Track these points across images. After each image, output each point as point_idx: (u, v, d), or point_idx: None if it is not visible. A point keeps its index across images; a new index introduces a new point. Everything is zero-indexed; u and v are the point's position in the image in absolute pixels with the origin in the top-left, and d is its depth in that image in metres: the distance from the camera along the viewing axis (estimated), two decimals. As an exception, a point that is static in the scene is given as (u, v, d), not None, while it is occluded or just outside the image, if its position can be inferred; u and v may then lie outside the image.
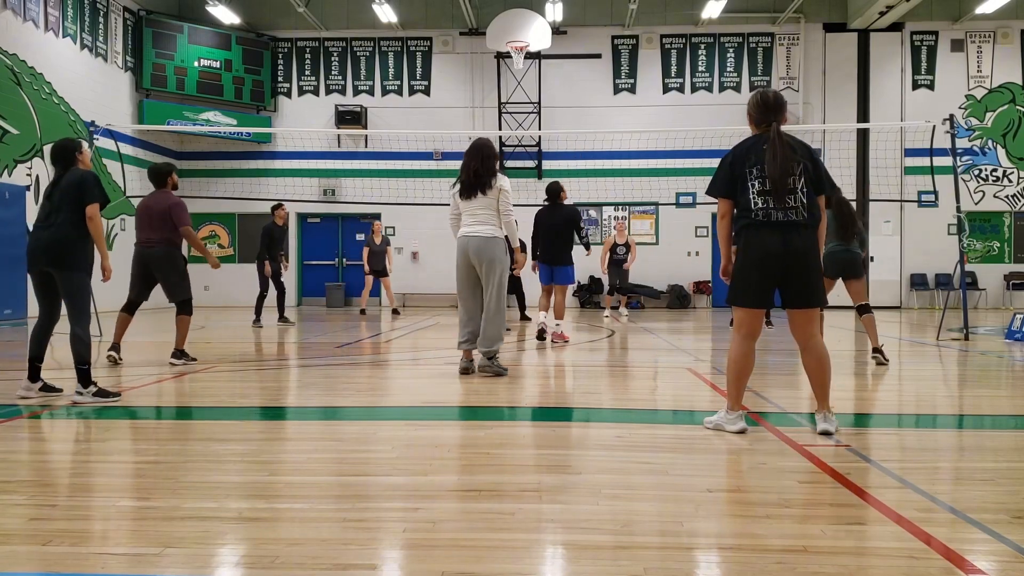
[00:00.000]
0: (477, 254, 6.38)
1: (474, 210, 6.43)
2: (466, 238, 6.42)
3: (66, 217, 5.17)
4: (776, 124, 4.17)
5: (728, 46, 19.47)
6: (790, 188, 4.06)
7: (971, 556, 2.42)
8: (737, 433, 4.14)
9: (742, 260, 4.15)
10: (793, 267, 4.04)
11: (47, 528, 2.72)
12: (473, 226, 6.42)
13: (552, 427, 4.58)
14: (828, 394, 4.19)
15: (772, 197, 4.05)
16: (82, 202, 5.18)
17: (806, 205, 4.09)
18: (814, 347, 4.18)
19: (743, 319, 4.21)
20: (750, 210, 4.09)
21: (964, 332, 10.02)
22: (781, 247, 4.02)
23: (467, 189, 6.43)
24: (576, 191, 17.79)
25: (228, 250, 19.98)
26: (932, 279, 19.14)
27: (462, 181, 6.48)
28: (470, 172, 6.43)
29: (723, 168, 4.24)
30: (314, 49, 19.90)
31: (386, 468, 3.55)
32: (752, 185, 4.10)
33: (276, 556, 2.43)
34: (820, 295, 4.13)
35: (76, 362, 5.18)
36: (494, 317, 6.46)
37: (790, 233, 4.04)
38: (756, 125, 4.28)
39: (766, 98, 4.25)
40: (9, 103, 13.73)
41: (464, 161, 6.49)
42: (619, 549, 2.51)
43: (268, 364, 7.75)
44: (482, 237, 6.39)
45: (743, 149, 4.21)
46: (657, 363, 7.86)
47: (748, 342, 4.21)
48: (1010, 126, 19.13)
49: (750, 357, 4.22)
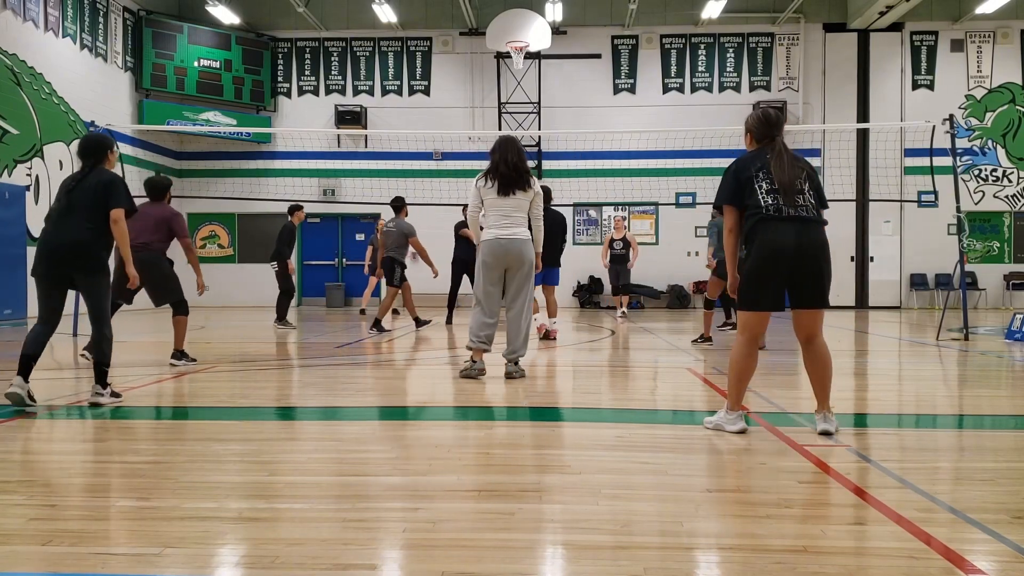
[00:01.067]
0: (517, 258, 6.13)
1: (508, 210, 6.11)
2: (506, 240, 6.09)
3: (83, 217, 4.99)
4: (780, 138, 4.27)
5: (728, 46, 19.47)
6: (798, 189, 4.09)
7: (971, 556, 2.42)
8: (737, 433, 4.14)
9: (752, 259, 4.07)
10: (806, 263, 4.00)
11: (47, 528, 2.72)
12: (509, 227, 6.11)
13: (552, 427, 4.58)
14: (829, 394, 4.18)
15: (782, 196, 4.06)
16: (107, 205, 5.03)
17: (815, 205, 4.12)
18: (817, 347, 4.16)
19: (750, 322, 4.16)
20: (760, 207, 4.07)
21: (964, 332, 10.02)
22: (794, 240, 3.99)
23: (507, 184, 6.06)
24: (576, 191, 17.84)
25: (228, 250, 19.99)
26: (932, 279, 19.14)
27: (502, 174, 6.07)
28: (510, 166, 6.07)
29: (728, 176, 4.25)
30: (314, 49, 19.90)
31: (386, 468, 3.55)
32: (760, 186, 4.10)
33: (276, 556, 2.43)
34: (825, 296, 4.12)
35: (101, 362, 5.09)
36: (525, 322, 6.31)
37: (802, 227, 4.02)
38: (757, 140, 4.31)
39: (768, 115, 4.32)
40: (9, 103, 13.73)
41: (500, 155, 6.11)
42: (619, 549, 2.51)
43: (268, 364, 7.75)
44: (521, 240, 6.13)
45: (746, 160, 4.25)
46: (657, 363, 7.86)
47: (752, 344, 4.20)
48: (1010, 126, 19.13)
49: (753, 358, 4.21)
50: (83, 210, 5.01)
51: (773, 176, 4.10)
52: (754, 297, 4.12)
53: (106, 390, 5.10)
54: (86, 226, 4.98)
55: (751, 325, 4.18)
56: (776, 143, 4.24)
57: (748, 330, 4.18)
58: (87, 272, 5.03)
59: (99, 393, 5.08)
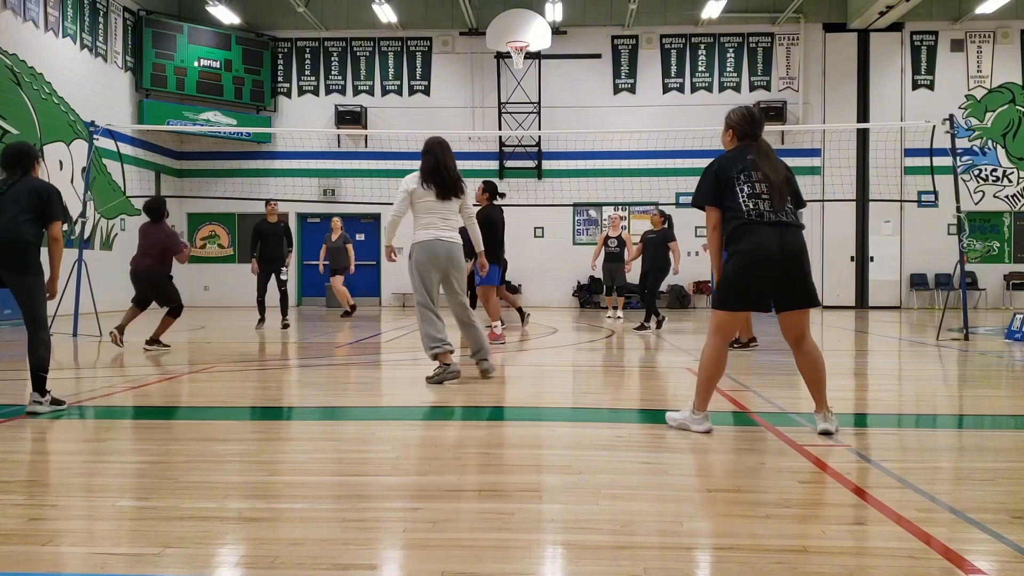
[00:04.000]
0: (455, 259, 6.19)
1: (446, 213, 6.17)
2: (441, 243, 6.12)
3: (15, 217, 4.77)
4: (762, 137, 4.26)
5: (728, 46, 19.47)
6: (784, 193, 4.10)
7: (971, 556, 2.42)
8: (703, 433, 4.14)
9: (736, 262, 4.08)
10: (788, 268, 4.02)
11: (47, 528, 2.72)
12: (445, 230, 6.17)
13: (552, 427, 4.58)
14: (825, 394, 4.18)
15: (767, 201, 4.05)
16: (46, 213, 4.84)
17: (793, 209, 4.15)
18: (808, 348, 4.17)
19: (726, 322, 4.17)
20: (742, 211, 4.07)
21: (964, 332, 10.02)
22: (777, 245, 4.00)
23: (447, 189, 6.15)
24: (576, 191, 17.84)
25: (228, 250, 19.99)
26: (932, 279, 19.14)
27: (441, 179, 6.14)
28: (450, 171, 6.18)
29: (708, 176, 4.22)
30: (314, 49, 19.90)
31: (386, 468, 3.55)
32: (741, 189, 4.09)
33: (276, 556, 2.43)
34: (815, 295, 4.15)
35: (38, 368, 4.81)
36: (475, 323, 6.36)
37: (784, 233, 4.04)
38: (739, 139, 4.28)
39: (753, 114, 4.31)
40: (9, 103, 13.72)
41: (437, 158, 6.17)
42: (619, 549, 2.51)
43: (268, 364, 7.75)
44: (454, 243, 6.20)
45: (727, 159, 4.22)
46: (657, 363, 7.86)
47: (726, 345, 4.21)
48: (1010, 126, 19.13)
49: (724, 360, 4.22)
50: (16, 211, 4.79)
51: (765, 178, 4.08)
52: (733, 300, 4.12)
53: (45, 398, 4.83)
54: (19, 226, 4.78)
55: (726, 326, 4.18)
56: (760, 143, 4.21)
57: (723, 331, 4.19)
58: (17, 271, 4.80)
59: (37, 401, 4.80)
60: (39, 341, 4.84)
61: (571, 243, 19.58)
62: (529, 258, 19.02)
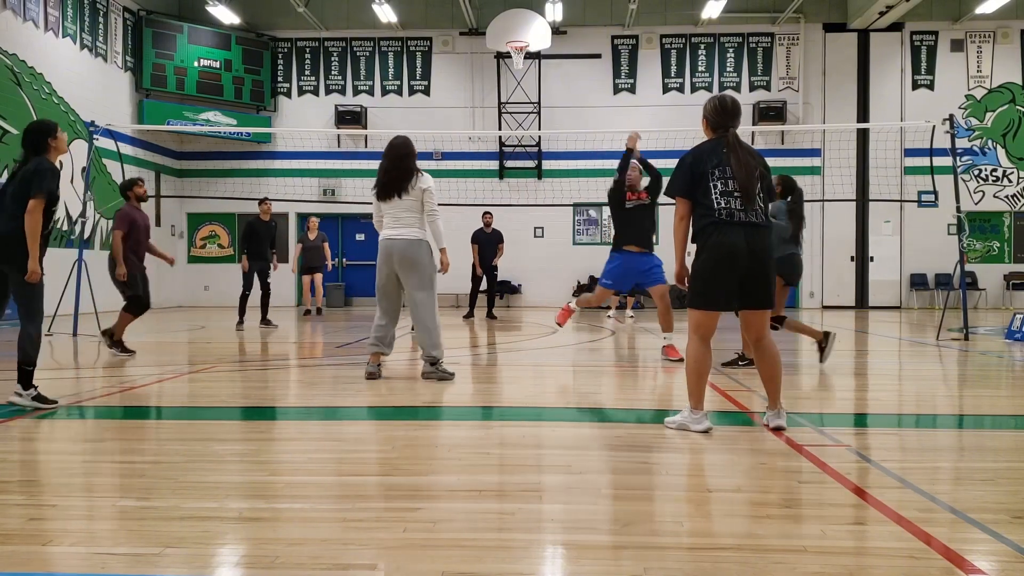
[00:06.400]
0: (400, 258, 6.17)
1: (396, 212, 6.20)
2: (389, 240, 6.19)
3: (12, 210, 4.74)
4: (733, 130, 4.22)
5: (728, 46, 19.46)
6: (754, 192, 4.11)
7: (971, 556, 2.42)
8: (703, 433, 4.15)
9: (704, 260, 4.13)
10: (754, 268, 4.08)
11: (47, 528, 2.72)
12: (395, 228, 6.19)
13: (552, 427, 4.58)
14: (780, 392, 4.28)
15: (738, 199, 4.07)
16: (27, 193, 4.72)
17: (763, 209, 4.18)
18: (767, 347, 4.25)
19: (702, 321, 4.21)
20: (713, 209, 4.09)
21: (964, 332, 10.02)
22: (745, 246, 4.05)
23: (383, 191, 6.21)
24: (576, 191, 17.83)
25: (228, 250, 19.98)
26: (932, 279, 19.13)
27: (380, 182, 6.26)
28: (387, 172, 6.23)
29: (682, 167, 4.23)
30: (314, 49, 19.90)
31: (386, 468, 3.55)
32: (715, 186, 4.11)
33: (276, 556, 2.43)
34: (774, 296, 4.24)
35: (23, 362, 4.83)
36: (430, 322, 6.28)
37: (752, 233, 4.08)
38: (713, 130, 4.28)
39: (724, 103, 4.27)
40: (9, 103, 13.72)
41: (383, 162, 6.28)
42: (619, 549, 2.51)
43: (268, 364, 7.75)
44: (405, 240, 6.17)
45: (702, 151, 4.20)
46: (657, 363, 7.86)
47: (706, 342, 4.24)
48: (1010, 126, 19.13)
49: (708, 356, 4.26)
50: (15, 206, 4.76)
51: (732, 177, 4.09)
52: (705, 297, 4.17)
53: (27, 391, 4.84)
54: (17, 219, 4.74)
55: (703, 324, 4.22)
56: (730, 135, 4.18)
57: (700, 329, 4.23)
58: (15, 265, 4.77)
59: (18, 394, 4.83)
60: (27, 336, 4.86)
61: (571, 243, 19.57)
62: (529, 258, 19.02)
